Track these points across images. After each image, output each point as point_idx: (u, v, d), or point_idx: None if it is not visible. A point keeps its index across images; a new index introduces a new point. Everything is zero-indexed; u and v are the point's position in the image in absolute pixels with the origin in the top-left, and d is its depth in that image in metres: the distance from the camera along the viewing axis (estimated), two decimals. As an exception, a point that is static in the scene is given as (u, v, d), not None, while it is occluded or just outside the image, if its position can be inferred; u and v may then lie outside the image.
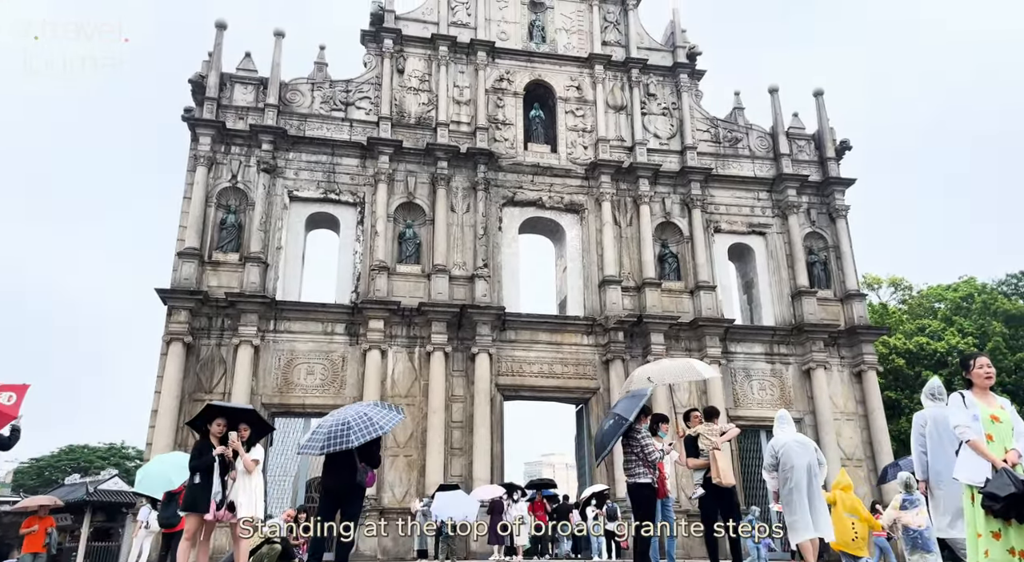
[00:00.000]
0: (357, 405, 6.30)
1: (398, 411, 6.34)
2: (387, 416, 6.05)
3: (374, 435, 5.80)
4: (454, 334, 20.22)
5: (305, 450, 5.90)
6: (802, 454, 8.38)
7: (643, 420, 8.10)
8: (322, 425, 5.98)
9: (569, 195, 22.62)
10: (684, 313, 21.70)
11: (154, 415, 17.91)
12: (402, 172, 21.69)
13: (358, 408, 6.14)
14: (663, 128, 23.96)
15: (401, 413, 6.31)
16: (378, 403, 6.38)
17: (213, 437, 7.81)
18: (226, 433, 7.83)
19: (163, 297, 18.62)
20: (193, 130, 20.37)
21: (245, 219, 20.40)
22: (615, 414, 7.73)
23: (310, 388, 19.31)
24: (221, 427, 7.83)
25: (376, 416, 5.97)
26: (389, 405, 6.48)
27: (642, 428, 7.95)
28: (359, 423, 5.77)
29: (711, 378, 20.87)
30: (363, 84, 22.43)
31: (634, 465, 7.69)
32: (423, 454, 19.10)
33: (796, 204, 23.26)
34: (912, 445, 7.17)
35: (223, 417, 7.92)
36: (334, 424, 5.84)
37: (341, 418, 5.92)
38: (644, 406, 7.85)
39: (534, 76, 23.75)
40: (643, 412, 7.97)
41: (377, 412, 6.05)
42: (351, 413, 6.00)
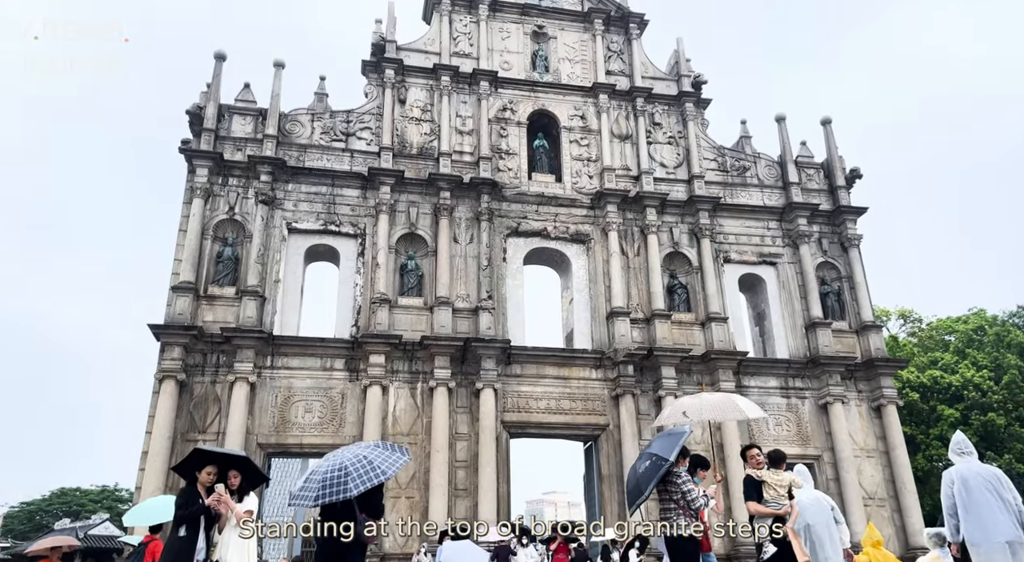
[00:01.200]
0: (355, 446, 5.58)
1: (402, 452, 5.61)
2: (390, 458, 5.34)
3: (376, 481, 5.09)
4: (458, 368, 19.49)
5: (298, 501, 5.16)
6: (818, 512, 8.16)
7: (682, 462, 7.32)
8: (316, 471, 5.26)
9: (575, 225, 22.08)
10: (695, 346, 20.99)
11: (144, 457, 17.08)
12: (404, 203, 21.18)
13: (357, 450, 5.43)
14: (669, 157, 23.55)
15: (406, 454, 5.58)
16: (379, 443, 5.65)
17: (201, 486, 7.09)
18: (214, 483, 7.13)
19: (156, 333, 17.93)
20: (190, 162, 19.92)
21: (242, 252, 19.82)
22: (651, 454, 6.94)
23: (308, 427, 18.51)
24: (211, 476, 7.11)
25: (378, 459, 5.26)
26: (392, 445, 5.74)
27: (681, 471, 7.17)
28: (358, 468, 5.07)
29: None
30: (364, 114, 22.06)
31: (673, 514, 6.86)
32: (426, 496, 18.22)
33: (807, 233, 22.71)
34: (943, 506, 7.10)
35: (213, 464, 7.20)
36: (330, 469, 5.13)
37: (338, 462, 5.20)
38: (682, 447, 7.08)
39: (537, 106, 23.41)
40: (682, 453, 7.19)
41: (378, 454, 5.34)
42: (349, 456, 5.29)
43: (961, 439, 7.39)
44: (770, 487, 7.68)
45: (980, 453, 27.26)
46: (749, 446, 8.39)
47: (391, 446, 5.65)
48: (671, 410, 9.13)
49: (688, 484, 7.06)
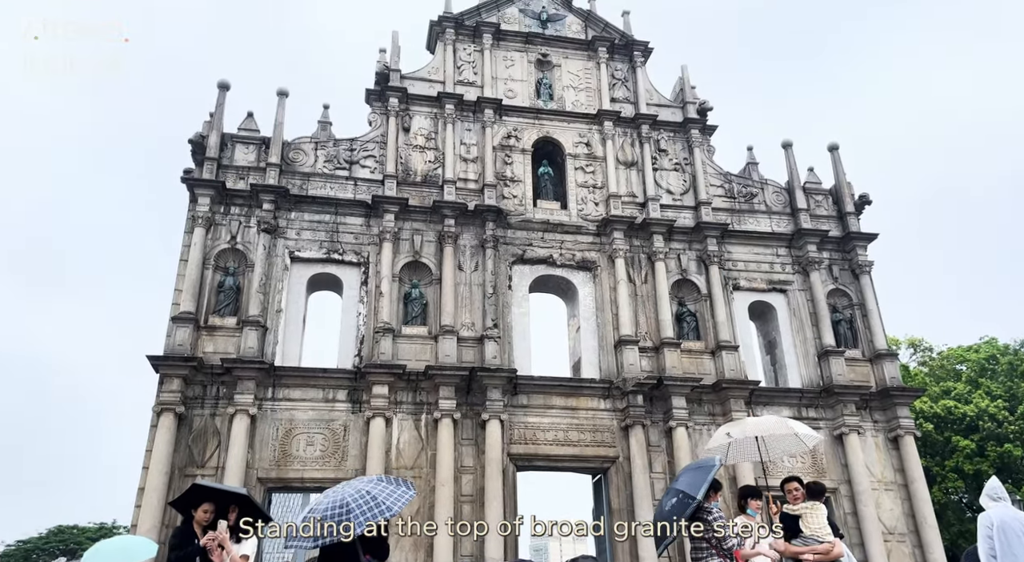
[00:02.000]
0: (357, 481, 5.15)
1: (407, 486, 5.18)
2: (394, 494, 4.92)
3: (381, 519, 4.67)
4: (463, 399, 19.02)
5: (295, 543, 4.72)
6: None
7: (713, 496, 6.85)
8: (315, 508, 4.83)
9: (581, 252, 21.77)
10: (706, 375, 20.52)
11: (140, 493, 16.55)
12: (408, 230, 20.91)
13: (359, 485, 5.00)
14: (676, 183, 23.33)
15: (411, 488, 5.14)
16: (382, 477, 5.21)
17: (197, 525, 6.63)
18: (213, 521, 6.66)
19: (155, 364, 17.53)
20: (192, 191, 19.71)
21: (244, 281, 19.50)
22: (678, 491, 6.46)
23: (309, 460, 17.99)
24: (208, 514, 6.66)
25: (381, 494, 4.84)
26: (396, 479, 5.30)
27: (712, 506, 6.69)
28: (361, 504, 4.66)
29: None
30: (368, 142, 21.92)
31: (705, 554, 6.35)
32: (430, 532, 17.57)
33: (817, 260, 22.36)
34: (980, 549, 7.11)
35: (211, 501, 6.75)
36: (330, 507, 4.71)
37: (339, 499, 4.78)
38: (713, 480, 6.61)
39: (542, 133, 23.27)
40: (713, 487, 6.72)
41: (382, 489, 4.92)
42: (350, 492, 4.87)
43: (996, 485, 7.50)
44: (808, 522, 7.20)
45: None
46: (789, 479, 7.83)
47: (395, 480, 5.22)
48: (716, 434, 8.85)
49: (721, 521, 6.53)
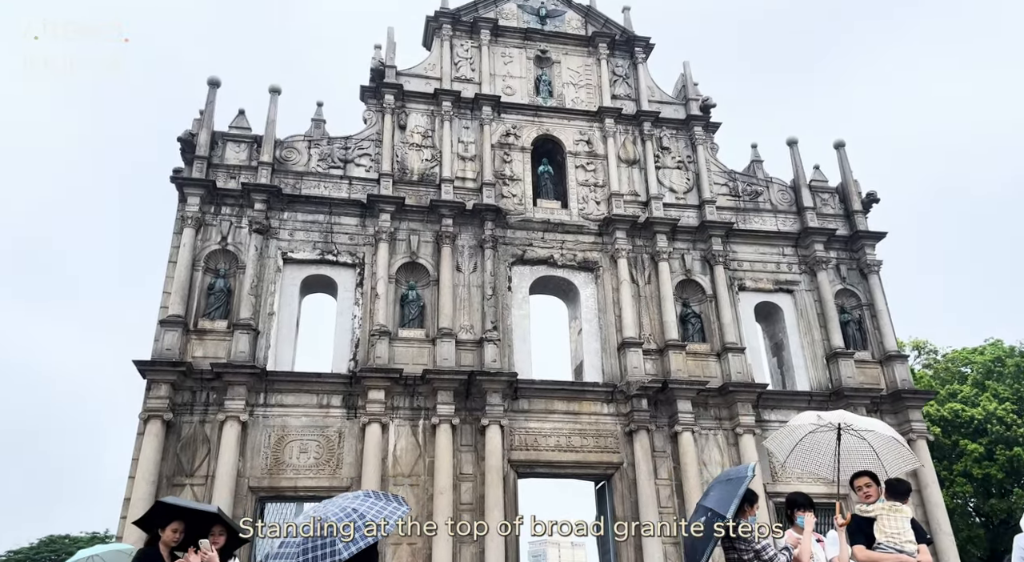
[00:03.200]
0: (342, 498, 4.51)
1: (399, 502, 4.54)
2: (385, 510, 4.29)
3: (371, 539, 4.07)
4: (462, 404, 18.39)
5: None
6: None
7: (750, 510, 6.15)
8: (296, 529, 4.23)
9: (582, 252, 21.18)
10: (712, 378, 19.92)
11: (126, 504, 15.90)
12: (404, 231, 20.32)
13: (344, 502, 4.37)
14: (679, 182, 22.76)
15: (404, 504, 4.51)
16: (370, 492, 4.57)
17: (164, 546, 6.00)
18: (183, 542, 6.01)
19: (142, 370, 16.89)
20: (181, 190, 19.11)
21: (235, 283, 18.88)
22: (707, 509, 5.75)
23: (303, 468, 17.34)
24: (177, 534, 6.04)
25: (371, 511, 4.22)
26: (386, 494, 4.66)
27: (750, 521, 6.02)
28: (348, 525, 4.05)
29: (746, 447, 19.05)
30: (363, 141, 21.34)
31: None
32: (429, 542, 16.97)
33: (824, 260, 21.79)
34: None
35: (180, 520, 6.10)
36: (313, 527, 4.11)
37: (322, 516, 4.17)
38: (747, 492, 5.93)
39: (542, 131, 22.71)
40: (747, 499, 6.05)
41: (371, 506, 4.29)
42: (335, 510, 4.24)
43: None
44: (885, 526, 6.23)
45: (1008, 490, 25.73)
46: (860, 473, 6.66)
47: (385, 495, 4.58)
48: (803, 414, 7.40)
49: (761, 541, 5.77)
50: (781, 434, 7.27)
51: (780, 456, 7.26)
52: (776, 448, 7.37)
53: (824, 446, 7.01)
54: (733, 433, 19.35)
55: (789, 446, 7.20)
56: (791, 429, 7.16)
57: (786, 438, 7.25)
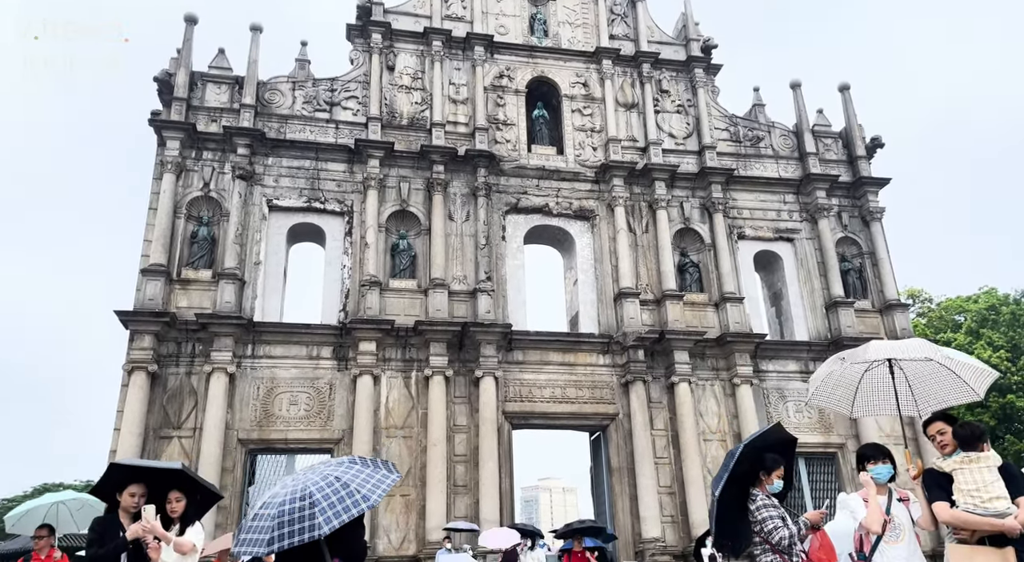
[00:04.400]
0: (326, 464, 4.01)
1: (388, 468, 4.05)
2: (372, 479, 3.80)
3: (355, 511, 3.60)
4: (455, 356, 18.01)
5: (244, 547, 3.63)
6: None
7: (767, 479, 4.95)
8: (270, 502, 3.70)
9: (578, 200, 20.55)
10: (709, 328, 19.56)
11: (112, 456, 15.52)
12: (394, 178, 19.60)
13: (326, 469, 3.86)
14: (678, 127, 21.99)
15: (394, 472, 4.02)
16: (355, 458, 4.05)
17: (124, 512, 5.35)
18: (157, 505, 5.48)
19: (124, 320, 16.35)
20: (159, 134, 18.26)
21: (219, 232, 18.22)
22: (715, 480, 5.02)
23: (293, 420, 17.01)
24: (135, 497, 5.35)
25: (355, 480, 3.73)
26: (373, 460, 4.13)
27: (757, 495, 4.93)
28: (329, 495, 3.56)
29: (743, 398, 18.82)
30: (349, 82, 20.40)
31: (761, 553, 4.80)
32: (423, 493, 16.79)
33: (826, 207, 21.24)
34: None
35: (139, 482, 5.44)
36: (289, 499, 3.61)
37: (300, 488, 3.67)
38: (767, 458, 4.95)
39: (536, 72, 21.79)
40: (766, 467, 4.93)
41: (356, 474, 3.79)
42: (315, 479, 3.74)
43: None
44: (961, 482, 4.67)
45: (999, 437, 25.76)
46: (933, 418, 5.11)
47: (374, 462, 4.08)
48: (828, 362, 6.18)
49: (766, 510, 4.81)
50: (828, 386, 6.01)
51: (844, 410, 6.12)
52: (833, 403, 6.17)
53: (880, 383, 5.69)
54: (730, 383, 19.10)
55: (847, 396, 5.98)
56: (837, 378, 5.96)
57: (839, 389, 6.01)
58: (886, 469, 5.12)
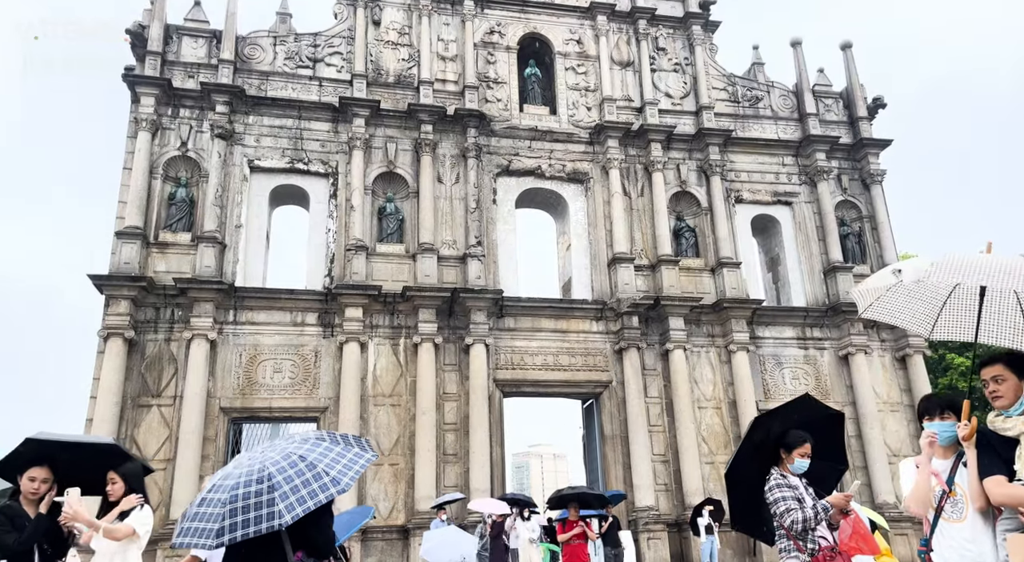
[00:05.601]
0: (289, 440, 3.40)
1: (362, 446, 3.45)
2: (343, 458, 3.21)
3: (323, 497, 3.05)
4: (445, 322, 17.48)
5: (189, 538, 3.08)
6: None
7: (788, 458, 4.33)
8: (222, 484, 3.10)
9: (572, 162, 19.87)
10: (705, 294, 19.10)
11: (88, 425, 15.00)
12: (380, 138, 18.84)
13: (289, 447, 3.26)
14: (675, 86, 21.25)
15: (368, 450, 3.44)
16: (325, 435, 3.45)
17: (25, 499, 4.54)
18: (52, 494, 4.58)
19: (98, 285, 15.69)
20: (133, 90, 17.38)
21: (198, 193, 17.48)
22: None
23: (277, 388, 16.49)
24: (35, 482, 4.52)
25: (323, 460, 3.14)
26: (345, 436, 3.51)
27: (790, 468, 4.31)
28: (291, 477, 2.99)
29: (739, 365, 18.44)
30: (333, 38, 19.50)
31: (778, 538, 4.27)
32: (411, 462, 16.39)
33: (826, 169, 20.65)
34: None
35: (48, 462, 4.59)
36: (243, 483, 3.05)
37: (257, 469, 3.09)
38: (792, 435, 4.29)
39: (528, 29, 20.92)
40: (786, 444, 4.29)
41: (323, 452, 3.20)
42: (275, 457, 3.14)
43: None
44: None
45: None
46: (991, 359, 3.66)
47: (344, 437, 3.48)
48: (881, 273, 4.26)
49: (779, 491, 4.18)
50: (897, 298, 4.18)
51: (920, 330, 4.21)
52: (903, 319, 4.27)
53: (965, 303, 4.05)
54: (726, 350, 18.70)
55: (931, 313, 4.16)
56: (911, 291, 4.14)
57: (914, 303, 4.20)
58: (947, 427, 3.75)
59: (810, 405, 4.36)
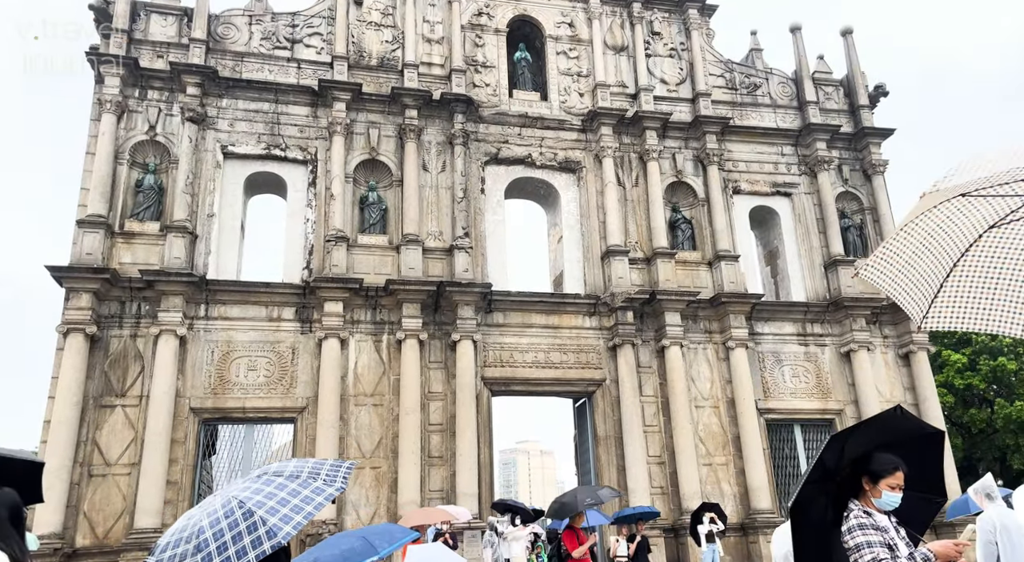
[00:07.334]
0: (248, 477, 2.54)
1: (329, 478, 2.55)
2: (292, 499, 2.35)
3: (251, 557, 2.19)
4: (430, 318, 16.58)
5: None
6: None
7: (872, 490, 3.33)
8: (166, 542, 2.28)
9: (563, 151, 19.00)
10: (703, 288, 18.31)
11: (46, 427, 13.97)
12: (362, 123, 17.87)
13: (235, 489, 2.41)
14: (671, 72, 20.41)
15: (334, 482, 2.54)
16: (287, 468, 2.56)
17: None
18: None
19: (58, 277, 14.63)
20: (97, 69, 16.30)
21: (167, 180, 16.45)
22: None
23: (252, 387, 15.52)
24: None
25: (268, 503, 2.29)
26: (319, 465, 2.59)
27: (875, 502, 3.32)
28: (222, 531, 2.14)
29: (737, 362, 17.63)
30: (313, 18, 18.50)
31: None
32: (394, 465, 15.49)
33: (826, 159, 19.91)
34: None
35: None
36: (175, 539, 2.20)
37: (195, 522, 2.23)
38: (879, 460, 3.29)
39: (518, 11, 20.01)
40: (872, 473, 3.33)
41: (269, 494, 2.34)
42: (216, 507, 2.27)
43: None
44: None
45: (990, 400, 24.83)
46: None
47: (313, 469, 2.61)
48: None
49: (861, 534, 3.20)
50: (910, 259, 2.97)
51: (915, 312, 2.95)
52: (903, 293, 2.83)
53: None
54: (724, 347, 17.93)
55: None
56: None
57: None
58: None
59: (901, 421, 3.37)
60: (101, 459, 14.21)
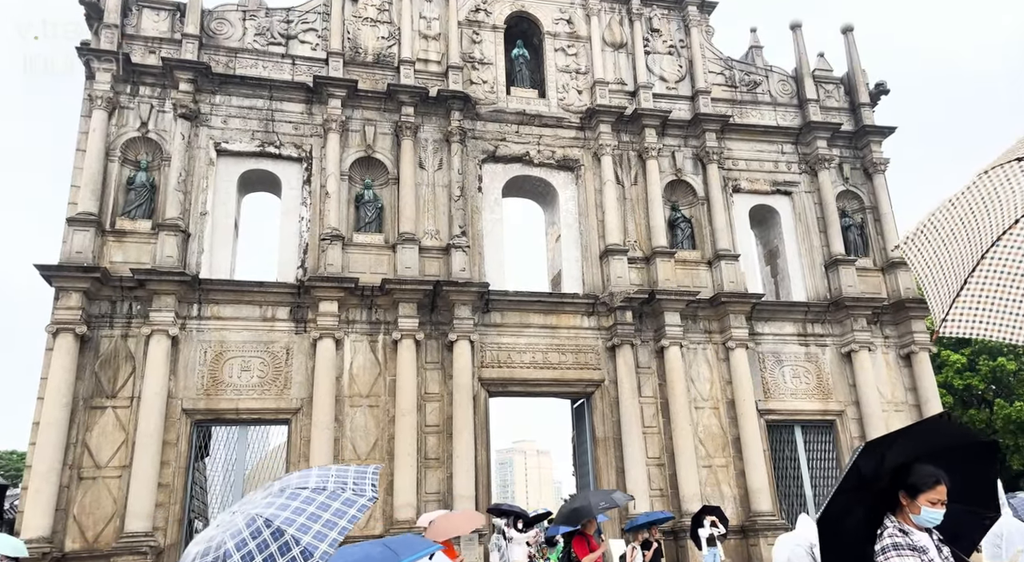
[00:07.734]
0: (264, 493, 2.32)
1: (359, 489, 2.36)
2: (324, 512, 2.16)
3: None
4: (427, 318, 16.35)
5: None
6: None
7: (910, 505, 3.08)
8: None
9: (562, 149, 18.79)
10: (702, 288, 18.11)
11: (35, 429, 13.70)
12: (358, 120, 17.64)
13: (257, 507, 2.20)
14: (670, 69, 20.21)
15: (363, 493, 2.34)
16: (310, 479, 2.33)
17: None
18: None
19: (47, 276, 14.37)
20: (88, 65, 16.04)
21: (159, 178, 16.20)
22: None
23: (245, 388, 15.27)
24: None
25: (298, 520, 2.09)
26: (344, 472, 2.39)
27: (913, 519, 3.07)
28: (252, 553, 1.96)
29: (737, 362, 17.43)
30: (308, 13, 18.25)
31: None
32: (390, 467, 15.25)
33: (827, 158, 19.72)
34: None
35: None
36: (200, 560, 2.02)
37: (217, 542, 2.04)
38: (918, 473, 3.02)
39: (516, 7, 19.79)
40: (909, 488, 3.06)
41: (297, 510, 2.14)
42: (240, 525, 2.09)
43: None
44: None
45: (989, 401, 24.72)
46: None
47: (339, 477, 2.41)
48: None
49: (895, 555, 2.96)
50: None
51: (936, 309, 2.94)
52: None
53: None
54: (724, 347, 17.74)
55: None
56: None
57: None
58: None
59: (947, 430, 3.10)
60: (91, 461, 13.95)
